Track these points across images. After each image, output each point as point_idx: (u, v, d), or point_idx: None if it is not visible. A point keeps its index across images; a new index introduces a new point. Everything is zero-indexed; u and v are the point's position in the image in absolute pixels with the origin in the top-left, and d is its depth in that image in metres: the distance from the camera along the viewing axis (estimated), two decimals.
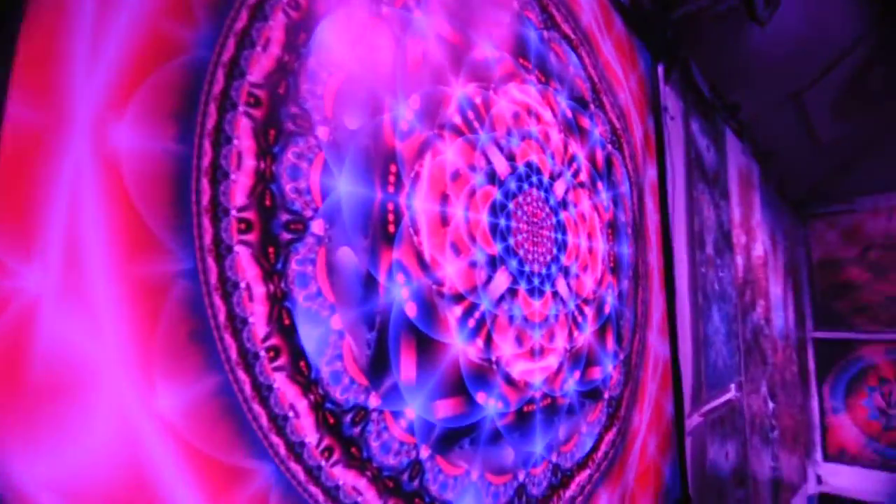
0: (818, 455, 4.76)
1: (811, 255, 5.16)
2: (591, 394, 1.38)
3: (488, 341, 1.05)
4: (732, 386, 2.71)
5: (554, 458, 1.20)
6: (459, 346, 0.98)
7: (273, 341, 0.69)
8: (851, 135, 4.35)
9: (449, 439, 0.93)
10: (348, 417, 0.77)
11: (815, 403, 4.84)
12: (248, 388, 0.66)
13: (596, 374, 1.41)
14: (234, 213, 0.68)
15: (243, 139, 0.70)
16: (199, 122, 0.67)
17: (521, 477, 1.09)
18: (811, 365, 4.92)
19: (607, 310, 1.50)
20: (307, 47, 0.80)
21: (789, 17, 2.63)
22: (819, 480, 4.55)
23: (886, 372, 4.54)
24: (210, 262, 0.65)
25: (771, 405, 3.42)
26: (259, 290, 0.69)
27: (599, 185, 1.55)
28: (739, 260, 3.15)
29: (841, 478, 4.55)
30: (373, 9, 0.91)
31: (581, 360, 1.35)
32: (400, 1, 0.97)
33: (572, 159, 1.42)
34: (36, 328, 0.51)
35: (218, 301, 0.65)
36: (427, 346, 0.91)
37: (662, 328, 1.91)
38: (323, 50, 0.82)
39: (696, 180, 2.52)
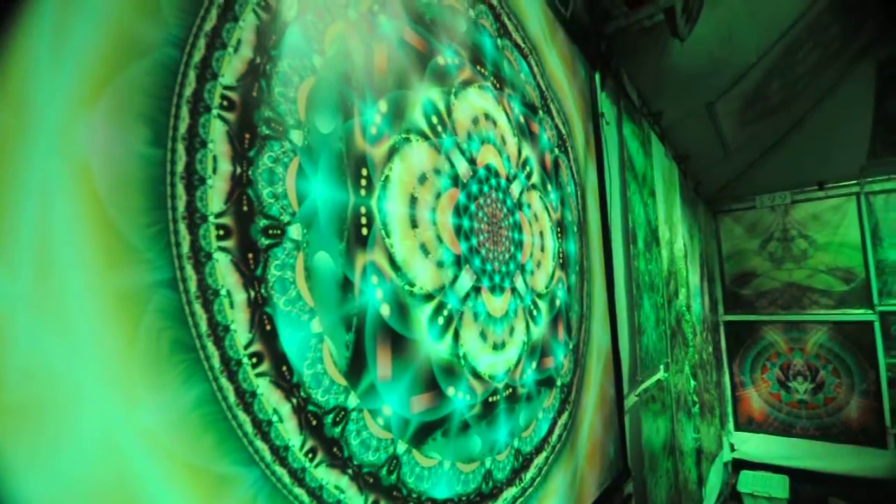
0: (730, 425, 5.37)
1: (721, 247, 5.78)
2: (545, 382, 1.48)
3: (456, 337, 1.10)
4: (661, 367, 3.00)
5: (515, 444, 1.28)
6: (430, 344, 1.02)
7: (256, 347, 0.69)
8: (753, 140, 4.93)
9: (423, 433, 0.97)
10: (329, 418, 0.78)
11: (727, 379, 5.45)
12: (232, 396, 0.65)
13: (549, 363, 1.52)
14: (211, 219, 0.67)
15: (218, 143, 0.69)
16: (172, 125, 0.65)
17: (487, 463, 1.15)
18: (723, 345, 5.52)
19: (558, 303, 1.61)
20: (278, 49, 0.80)
21: (703, 35, 2.94)
22: (732, 448, 5.14)
23: (785, 349, 5.22)
24: (190, 270, 0.63)
25: (692, 383, 3.81)
26: (240, 296, 0.68)
27: (549, 186, 1.65)
28: (664, 253, 3.47)
29: (749, 444, 5.17)
30: (340, 13, 0.92)
31: (537, 351, 1.44)
32: (366, 4, 0.98)
33: (525, 162, 1.51)
34: (7, 343, 0.48)
35: (199, 310, 0.63)
36: (401, 345, 0.94)
37: (604, 318, 2.07)
38: (294, 53, 0.82)
39: (629, 181, 2.74)
